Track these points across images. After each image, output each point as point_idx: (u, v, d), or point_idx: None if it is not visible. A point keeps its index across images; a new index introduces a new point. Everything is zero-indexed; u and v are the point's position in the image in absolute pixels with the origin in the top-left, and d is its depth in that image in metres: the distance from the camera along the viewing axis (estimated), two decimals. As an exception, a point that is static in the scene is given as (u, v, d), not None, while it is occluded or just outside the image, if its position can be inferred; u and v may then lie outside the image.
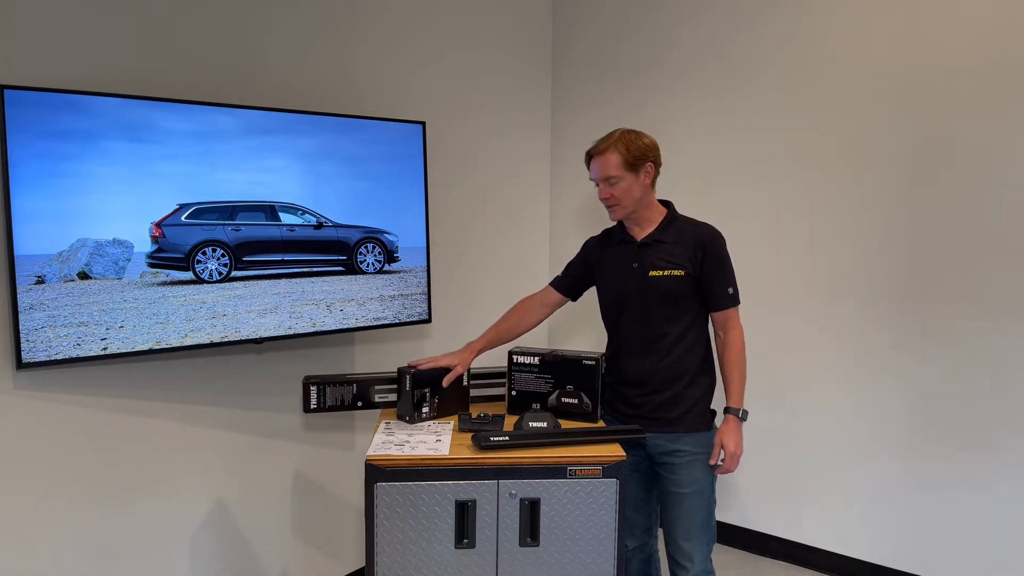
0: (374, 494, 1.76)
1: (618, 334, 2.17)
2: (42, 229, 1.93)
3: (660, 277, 2.07)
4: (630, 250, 2.13)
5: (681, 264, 2.06)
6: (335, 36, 2.67)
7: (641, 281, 2.09)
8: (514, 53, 3.44)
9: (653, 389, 2.10)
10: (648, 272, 2.08)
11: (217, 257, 2.23)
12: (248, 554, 2.57)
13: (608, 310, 2.20)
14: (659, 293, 2.07)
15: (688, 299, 2.08)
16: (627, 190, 2.07)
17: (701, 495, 2.08)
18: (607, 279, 2.20)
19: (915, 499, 2.81)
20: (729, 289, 2.09)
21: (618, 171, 2.05)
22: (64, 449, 2.10)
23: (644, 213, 2.12)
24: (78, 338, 1.99)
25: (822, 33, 2.91)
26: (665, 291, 2.06)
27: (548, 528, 1.80)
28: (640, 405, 2.11)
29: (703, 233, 2.10)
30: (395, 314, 2.65)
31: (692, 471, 2.07)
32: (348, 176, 2.50)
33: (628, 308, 2.12)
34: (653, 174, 2.10)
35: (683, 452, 2.06)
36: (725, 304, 2.09)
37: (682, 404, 2.08)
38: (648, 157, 2.07)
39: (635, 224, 2.15)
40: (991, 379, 2.65)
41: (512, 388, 2.17)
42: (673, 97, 3.30)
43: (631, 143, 2.06)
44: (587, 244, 2.31)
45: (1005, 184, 2.58)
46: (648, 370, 2.10)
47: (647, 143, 2.08)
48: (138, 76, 2.17)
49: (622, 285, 2.13)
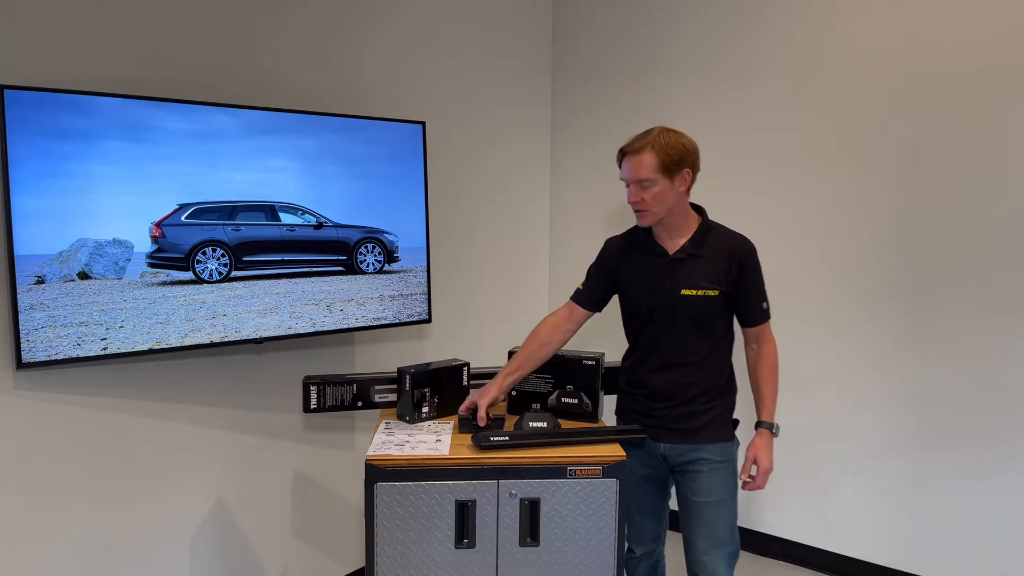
0: (374, 494, 1.76)
1: (641, 346, 2.05)
2: (42, 229, 1.92)
3: (693, 297, 1.93)
4: (660, 263, 1.97)
5: (716, 282, 1.93)
6: (335, 36, 2.67)
7: (671, 299, 1.95)
8: (514, 53, 3.44)
9: (676, 403, 2.00)
10: (680, 290, 1.94)
11: (217, 257, 2.23)
12: (248, 554, 2.57)
13: (631, 321, 2.07)
14: (691, 313, 1.94)
15: (720, 317, 1.97)
16: (660, 196, 1.89)
17: (723, 504, 1.98)
18: (632, 291, 2.03)
19: (915, 499, 2.80)
20: (763, 304, 1.99)
21: (652, 174, 1.87)
22: (64, 449, 2.10)
23: (676, 221, 1.95)
24: (78, 338, 1.99)
25: (823, 32, 2.91)
26: (698, 311, 1.94)
27: (548, 528, 1.80)
28: (661, 416, 2.02)
29: (739, 246, 1.95)
30: (395, 314, 2.65)
31: (714, 480, 1.97)
32: (348, 176, 2.50)
33: (654, 324, 1.99)
34: (690, 181, 1.92)
35: (705, 461, 1.98)
36: (761, 319, 2.00)
37: (706, 416, 1.99)
38: (686, 162, 1.90)
39: (665, 232, 1.98)
40: (992, 379, 2.65)
41: (512, 388, 2.17)
42: (674, 97, 3.30)
43: (670, 144, 1.88)
44: (608, 246, 2.12)
45: (1007, 182, 2.58)
46: (673, 386, 1.99)
47: (687, 146, 1.90)
48: (138, 76, 2.17)
49: (650, 300, 1.98)
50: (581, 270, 3.64)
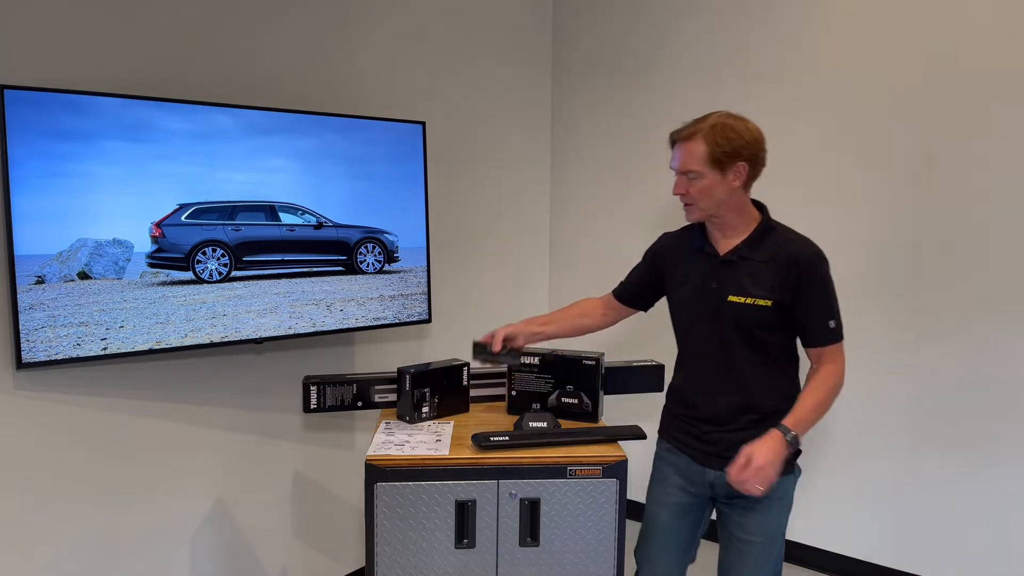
0: (374, 494, 1.76)
1: (687, 357, 1.87)
2: (42, 229, 1.92)
3: (740, 305, 1.71)
4: (709, 264, 1.77)
5: (769, 291, 1.69)
6: (335, 36, 2.67)
7: (717, 305, 1.74)
8: (515, 53, 3.44)
9: (727, 427, 1.78)
10: (726, 296, 1.73)
11: (217, 257, 2.23)
12: (248, 554, 2.57)
13: (677, 328, 1.88)
14: (736, 322, 1.72)
15: (773, 331, 1.73)
16: (706, 190, 1.69)
17: (772, 546, 1.78)
18: (679, 293, 1.85)
19: (915, 499, 2.80)
20: (831, 323, 1.70)
21: (699, 165, 1.68)
22: (64, 449, 2.10)
23: (730, 218, 1.74)
24: (78, 338, 1.99)
25: (828, 32, 2.91)
26: (744, 321, 1.71)
27: (548, 528, 1.80)
28: (714, 442, 1.80)
29: (800, 250, 1.69)
30: (395, 314, 2.65)
31: (765, 518, 1.77)
32: (348, 176, 2.50)
33: (699, 332, 1.79)
34: (746, 176, 1.70)
35: (761, 499, 1.76)
36: (824, 340, 1.71)
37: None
38: (743, 155, 1.67)
39: (718, 231, 1.77)
40: (992, 379, 2.65)
41: (512, 388, 2.17)
42: (675, 96, 3.30)
43: (726, 134, 1.66)
44: (660, 240, 1.95)
45: (1007, 184, 2.58)
46: (720, 406, 1.78)
47: (746, 138, 1.67)
48: (138, 76, 2.17)
49: (695, 305, 1.79)
50: (581, 270, 3.63)
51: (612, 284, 3.55)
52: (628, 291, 2.00)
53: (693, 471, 1.85)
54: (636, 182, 3.43)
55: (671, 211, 3.33)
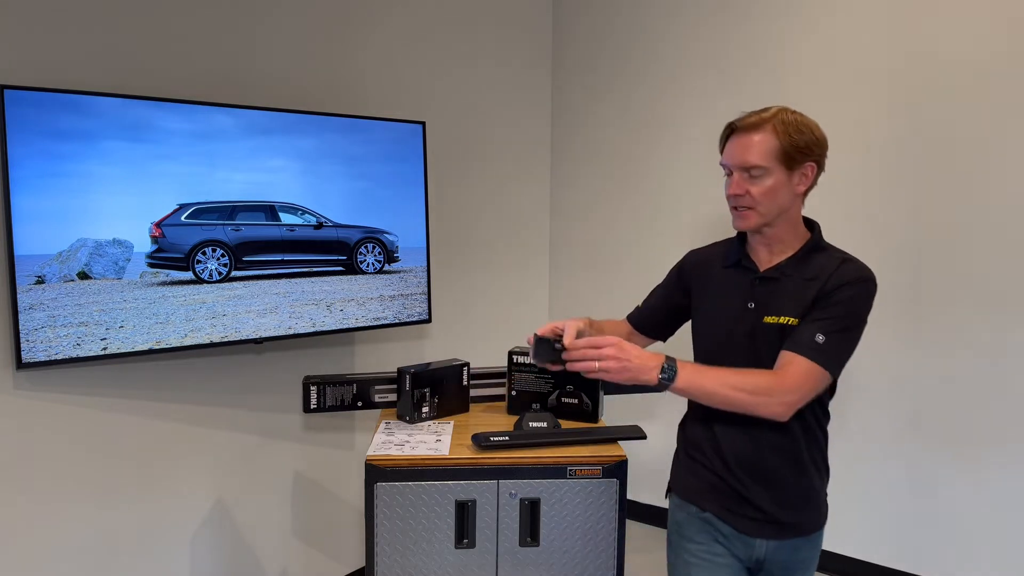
0: (374, 494, 1.76)
1: None
2: (42, 229, 1.92)
3: (774, 325, 1.48)
4: (747, 280, 1.54)
5: (801, 309, 1.46)
6: (335, 36, 2.67)
7: (753, 327, 1.51)
8: (515, 53, 3.44)
9: (765, 478, 1.51)
10: (763, 317, 1.49)
11: (217, 257, 2.23)
12: (248, 554, 2.57)
13: (701, 352, 1.60)
14: (771, 346, 1.47)
15: None
16: (771, 192, 1.45)
17: None
18: (709, 312, 1.60)
19: (915, 499, 2.80)
20: (819, 336, 1.41)
21: (767, 160, 1.44)
22: (64, 449, 2.10)
23: (782, 232, 1.51)
24: (78, 338, 1.99)
25: (829, 30, 2.91)
26: (778, 344, 1.47)
27: (548, 528, 1.80)
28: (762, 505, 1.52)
29: (840, 270, 1.45)
30: (395, 314, 2.65)
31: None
32: (348, 176, 2.50)
33: (731, 360, 1.49)
34: (811, 181, 1.49)
35: (803, 561, 1.58)
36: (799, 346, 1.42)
37: (804, 500, 1.54)
38: (813, 153, 1.46)
39: (763, 244, 1.54)
40: (992, 378, 2.65)
41: (512, 388, 2.17)
42: (677, 96, 3.29)
43: (797, 128, 1.45)
44: (686, 258, 1.71)
45: (1006, 182, 2.58)
46: (754, 449, 1.51)
47: (817, 135, 1.47)
48: (138, 76, 2.17)
49: (728, 327, 1.54)
50: (581, 270, 3.63)
51: (612, 284, 3.56)
52: (646, 317, 1.77)
53: (735, 542, 1.54)
54: (637, 181, 3.42)
55: (672, 211, 3.33)
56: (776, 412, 1.41)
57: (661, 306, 1.76)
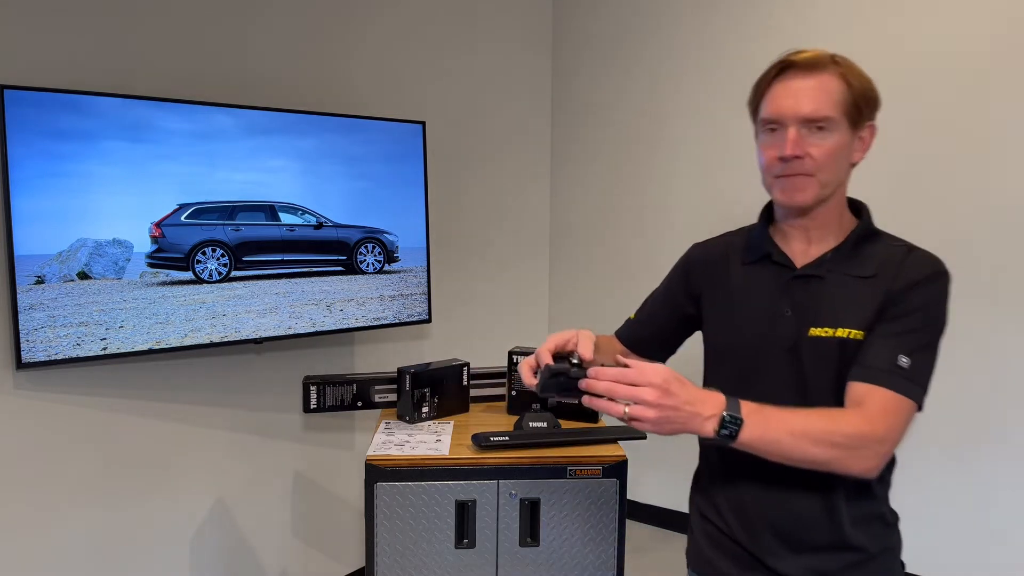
0: (374, 494, 1.76)
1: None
2: (42, 229, 1.92)
3: (827, 340, 1.13)
4: (780, 279, 1.19)
5: (866, 319, 1.13)
6: (335, 36, 2.67)
7: (794, 342, 1.16)
8: (515, 52, 3.44)
9: (812, 547, 1.18)
10: (807, 328, 1.15)
11: (217, 257, 2.23)
12: (248, 554, 2.57)
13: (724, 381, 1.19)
14: (827, 368, 1.13)
15: None
16: (835, 154, 1.11)
17: None
18: (729, 324, 1.24)
19: (915, 499, 2.80)
20: (901, 358, 1.09)
21: (834, 111, 1.10)
22: (64, 449, 2.10)
23: (827, 214, 1.18)
24: (78, 338, 1.99)
25: (831, 27, 2.91)
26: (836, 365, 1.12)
27: (548, 528, 1.80)
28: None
29: (914, 266, 1.15)
30: (395, 314, 2.65)
31: None
32: (348, 176, 2.50)
33: (759, 388, 1.14)
34: (867, 147, 1.18)
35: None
36: (879, 376, 1.08)
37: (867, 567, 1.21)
38: (875, 109, 1.16)
39: (801, 232, 1.20)
40: (991, 377, 2.65)
41: (512, 388, 2.17)
42: (678, 95, 3.29)
43: (860, 73, 1.14)
44: (690, 256, 1.36)
45: (1006, 181, 2.58)
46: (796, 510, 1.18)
47: (876, 90, 1.16)
48: (138, 76, 2.17)
49: (757, 343, 1.19)
50: (582, 270, 3.63)
51: (613, 283, 3.56)
52: (641, 333, 1.42)
53: None
54: (638, 181, 3.42)
55: (673, 211, 3.33)
56: (868, 468, 1.07)
57: (661, 317, 1.39)
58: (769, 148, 1.15)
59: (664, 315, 1.40)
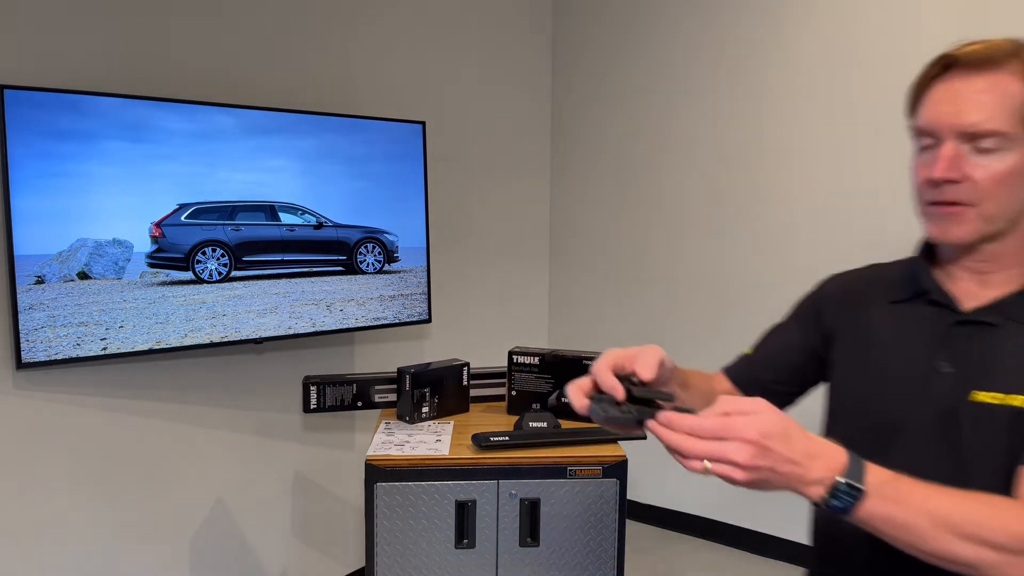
0: (374, 494, 1.76)
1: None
2: (42, 229, 1.92)
3: (996, 408, 0.90)
4: (939, 326, 0.97)
5: None
6: (335, 36, 2.67)
7: (952, 406, 0.93)
8: (514, 52, 3.44)
9: None
10: (970, 390, 0.92)
11: (217, 257, 2.23)
12: (248, 554, 2.57)
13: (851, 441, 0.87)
14: (989, 444, 0.90)
15: None
16: (1006, 177, 0.88)
17: None
18: (861, 374, 1.03)
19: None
20: None
21: (1008, 122, 0.86)
22: (64, 449, 2.10)
23: (1008, 250, 0.93)
24: (78, 338, 1.99)
25: (834, 27, 2.91)
26: (1006, 443, 0.88)
27: (548, 528, 1.80)
28: None
29: None
30: (395, 314, 2.65)
31: None
32: (348, 176, 2.50)
33: (903, 457, 0.89)
34: None
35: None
36: None
37: None
38: None
39: (971, 270, 0.96)
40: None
41: (512, 388, 2.17)
42: (679, 94, 3.29)
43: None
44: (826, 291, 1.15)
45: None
46: None
47: None
48: (138, 76, 2.17)
49: (902, 403, 0.97)
50: (582, 270, 3.63)
51: (613, 284, 3.56)
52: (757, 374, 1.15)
53: None
54: (638, 181, 3.42)
55: (673, 211, 3.33)
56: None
57: (786, 356, 1.14)
58: (921, 168, 0.93)
59: (790, 355, 1.14)
